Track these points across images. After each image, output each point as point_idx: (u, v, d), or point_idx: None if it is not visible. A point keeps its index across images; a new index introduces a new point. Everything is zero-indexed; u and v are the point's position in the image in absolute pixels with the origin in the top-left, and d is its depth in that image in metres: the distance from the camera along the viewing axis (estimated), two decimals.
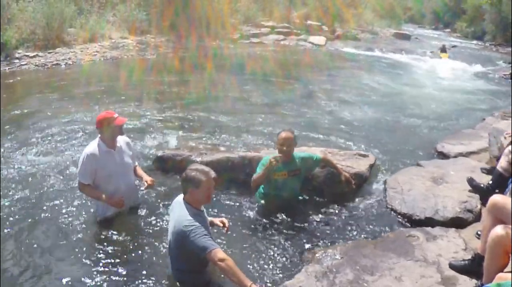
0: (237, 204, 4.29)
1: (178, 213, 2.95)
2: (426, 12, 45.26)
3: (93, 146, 3.74)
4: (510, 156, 4.10)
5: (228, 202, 4.29)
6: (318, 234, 3.84)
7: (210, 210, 3.97)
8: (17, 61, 11.94)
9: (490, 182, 4.24)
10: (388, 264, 3.17)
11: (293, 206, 4.20)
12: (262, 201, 4.20)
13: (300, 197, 4.36)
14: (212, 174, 2.98)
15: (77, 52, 13.37)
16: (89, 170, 3.68)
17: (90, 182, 3.72)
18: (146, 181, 3.86)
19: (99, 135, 3.79)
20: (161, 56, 14.62)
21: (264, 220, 3.99)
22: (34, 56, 12.40)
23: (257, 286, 2.66)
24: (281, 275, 3.23)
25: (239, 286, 2.63)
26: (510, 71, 14.74)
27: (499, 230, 2.63)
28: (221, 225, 3.27)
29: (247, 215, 4.11)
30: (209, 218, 3.32)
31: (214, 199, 4.12)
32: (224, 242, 3.54)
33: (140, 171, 4.07)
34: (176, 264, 3.02)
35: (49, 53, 12.88)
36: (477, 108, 9.55)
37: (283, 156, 4.01)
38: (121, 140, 3.91)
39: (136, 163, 4.14)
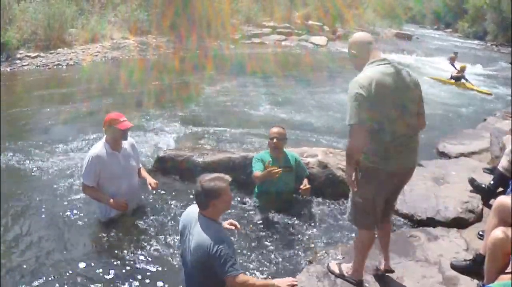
0: (238, 204, 4.27)
1: (199, 231, 2.68)
2: (427, 12, 45.24)
3: (98, 148, 3.70)
4: (511, 156, 4.09)
5: None
6: (319, 234, 3.83)
7: None
8: (18, 61, 11.96)
9: (492, 182, 4.24)
10: (390, 265, 3.17)
11: (293, 205, 4.20)
12: (260, 201, 4.22)
13: (294, 195, 4.35)
14: (228, 177, 2.77)
15: (78, 52, 13.39)
16: (93, 172, 3.64)
17: (94, 184, 3.68)
18: (150, 184, 3.85)
19: (105, 136, 3.76)
20: (162, 57, 14.64)
21: (264, 220, 3.99)
22: (35, 57, 12.42)
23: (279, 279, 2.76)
24: (282, 276, 3.22)
25: None
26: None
27: (498, 232, 2.62)
28: (232, 228, 3.20)
29: (247, 215, 4.10)
30: None
31: None
32: None
33: (144, 173, 4.05)
34: (197, 283, 2.80)
35: (50, 53, 12.90)
36: (478, 108, 9.55)
37: (275, 151, 4.07)
38: (126, 142, 3.86)
39: (141, 165, 4.12)
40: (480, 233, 3.54)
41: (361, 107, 2.45)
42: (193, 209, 2.85)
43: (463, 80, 12.20)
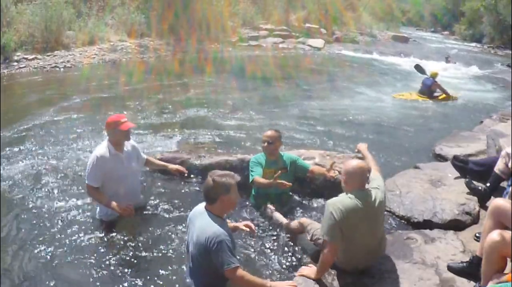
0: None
1: (201, 224, 2.79)
2: (425, 14, 45.41)
3: (102, 149, 3.72)
4: (507, 159, 4.10)
5: None
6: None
7: None
8: (15, 63, 11.95)
9: (488, 184, 4.25)
10: (387, 267, 3.17)
11: (290, 207, 4.22)
12: (258, 202, 4.22)
13: (291, 193, 4.40)
14: (237, 176, 2.90)
15: (76, 55, 13.38)
16: (99, 173, 3.64)
17: (99, 185, 3.69)
18: (176, 169, 4.13)
19: (108, 138, 3.79)
20: (160, 59, 14.64)
21: (261, 222, 3.99)
22: (32, 59, 12.41)
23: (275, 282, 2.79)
24: (279, 278, 3.22)
25: None
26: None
27: (495, 235, 2.63)
28: (247, 229, 3.22)
29: (245, 217, 4.09)
30: (232, 223, 3.28)
31: None
32: None
33: (158, 161, 4.27)
34: (200, 276, 2.87)
35: (48, 55, 12.89)
36: (475, 110, 9.57)
37: (269, 154, 4.10)
38: (128, 144, 3.91)
39: (145, 156, 4.18)
40: (477, 235, 3.54)
41: (334, 227, 2.85)
42: (201, 206, 2.95)
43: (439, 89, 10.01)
